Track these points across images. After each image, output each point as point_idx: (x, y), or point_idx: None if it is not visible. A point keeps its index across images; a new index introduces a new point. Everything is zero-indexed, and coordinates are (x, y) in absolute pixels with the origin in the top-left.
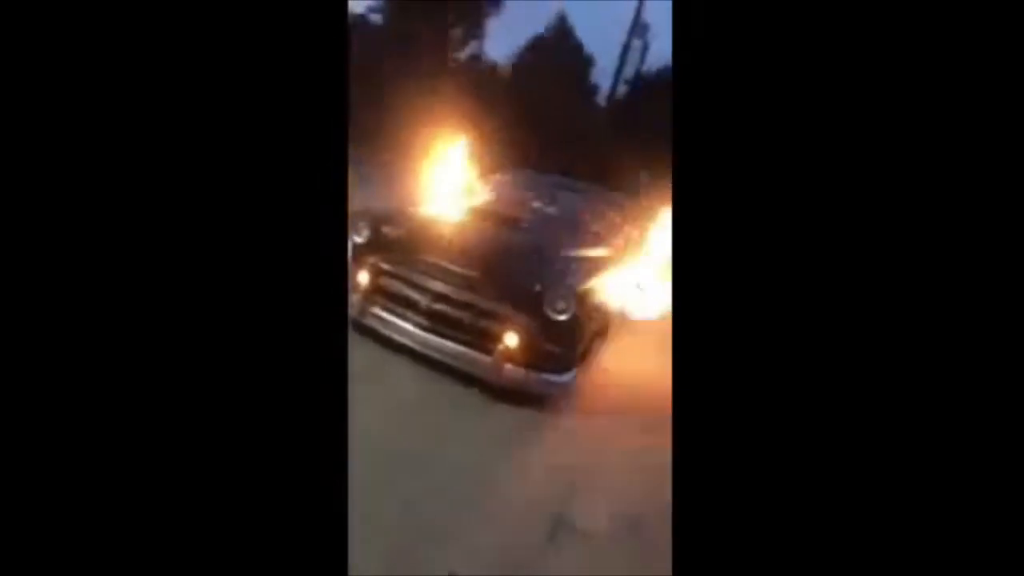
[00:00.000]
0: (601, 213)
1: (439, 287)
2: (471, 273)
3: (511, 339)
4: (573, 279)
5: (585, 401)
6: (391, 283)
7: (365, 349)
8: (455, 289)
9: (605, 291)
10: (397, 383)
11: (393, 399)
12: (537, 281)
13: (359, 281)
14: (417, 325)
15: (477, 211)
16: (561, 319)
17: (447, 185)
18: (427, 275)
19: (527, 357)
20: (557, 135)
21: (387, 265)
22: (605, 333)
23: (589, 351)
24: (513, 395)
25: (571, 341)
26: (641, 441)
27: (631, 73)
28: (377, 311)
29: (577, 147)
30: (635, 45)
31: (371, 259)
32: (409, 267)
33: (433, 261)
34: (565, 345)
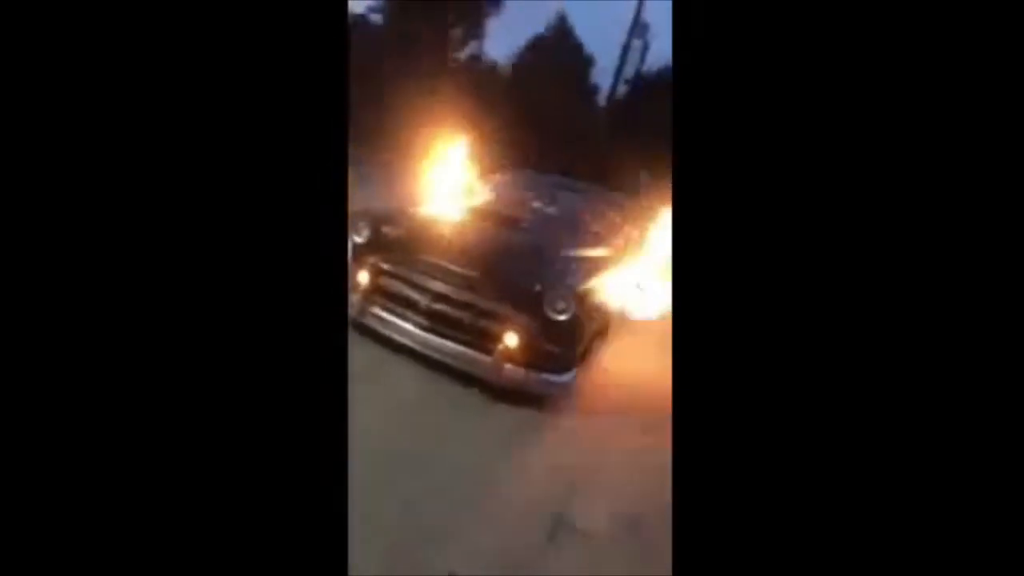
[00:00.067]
0: (601, 213)
1: (439, 287)
2: (471, 273)
3: (511, 339)
4: (573, 279)
5: (585, 401)
6: (391, 283)
7: (365, 349)
8: (455, 289)
9: (605, 291)
10: (397, 383)
11: (393, 399)
12: (537, 281)
13: (359, 281)
14: (417, 325)
15: (477, 211)
16: (561, 319)
17: (447, 185)
18: (427, 275)
19: (527, 357)
20: (557, 135)
21: (387, 265)
22: (605, 333)
23: (589, 351)
24: (513, 395)
25: (571, 341)
26: (641, 441)
27: (631, 73)
28: (377, 311)
29: (577, 147)
30: (635, 45)
31: (371, 259)
32: (409, 267)
33: (433, 261)
34: (565, 345)
